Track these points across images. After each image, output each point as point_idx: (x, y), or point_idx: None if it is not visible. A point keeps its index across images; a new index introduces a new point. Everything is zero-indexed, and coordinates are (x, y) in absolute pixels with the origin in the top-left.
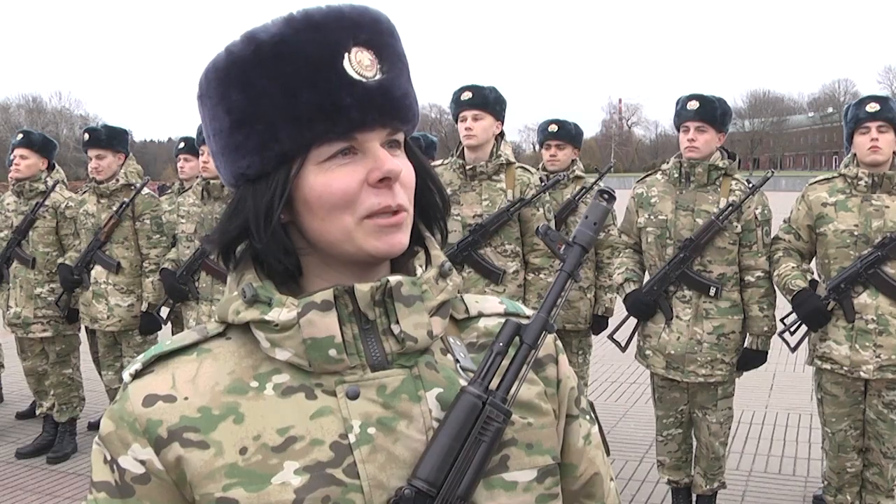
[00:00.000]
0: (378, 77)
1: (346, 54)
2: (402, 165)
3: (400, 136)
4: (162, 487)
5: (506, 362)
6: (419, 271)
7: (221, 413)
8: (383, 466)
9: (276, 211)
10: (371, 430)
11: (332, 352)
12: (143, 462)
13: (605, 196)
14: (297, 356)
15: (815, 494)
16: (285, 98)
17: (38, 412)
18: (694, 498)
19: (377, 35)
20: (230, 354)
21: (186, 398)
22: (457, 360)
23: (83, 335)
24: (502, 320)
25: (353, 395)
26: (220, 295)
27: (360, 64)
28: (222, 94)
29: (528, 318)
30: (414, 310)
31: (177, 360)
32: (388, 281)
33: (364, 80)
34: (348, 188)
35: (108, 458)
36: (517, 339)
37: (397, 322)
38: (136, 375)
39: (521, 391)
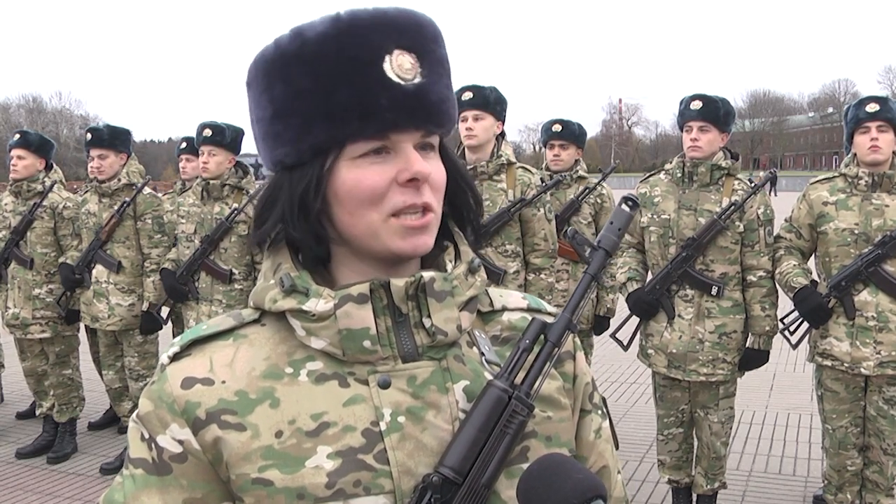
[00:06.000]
0: (417, 81)
1: (388, 57)
2: (431, 168)
3: (434, 139)
4: (198, 467)
5: (530, 358)
6: (449, 266)
7: (258, 397)
8: (412, 454)
9: (311, 201)
10: (401, 419)
11: (367, 343)
12: (181, 442)
13: (630, 202)
14: (331, 345)
15: (816, 494)
16: (323, 95)
17: (38, 412)
18: (694, 498)
19: (420, 40)
20: (265, 341)
21: (224, 382)
22: (482, 354)
23: (83, 335)
24: (525, 315)
25: (384, 385)
26: (219, 295)
27: (400, 67)
28: (267, 85)
29: (549, 314)
30: (445, 305)
31: (213, 344)
32: (421, 277)
33: (403, 82)
34: (377, 186)
35: (147, 436)
36: (542, 336)
37: (429, 316)
38: (174, 358)
39: (543, 386)
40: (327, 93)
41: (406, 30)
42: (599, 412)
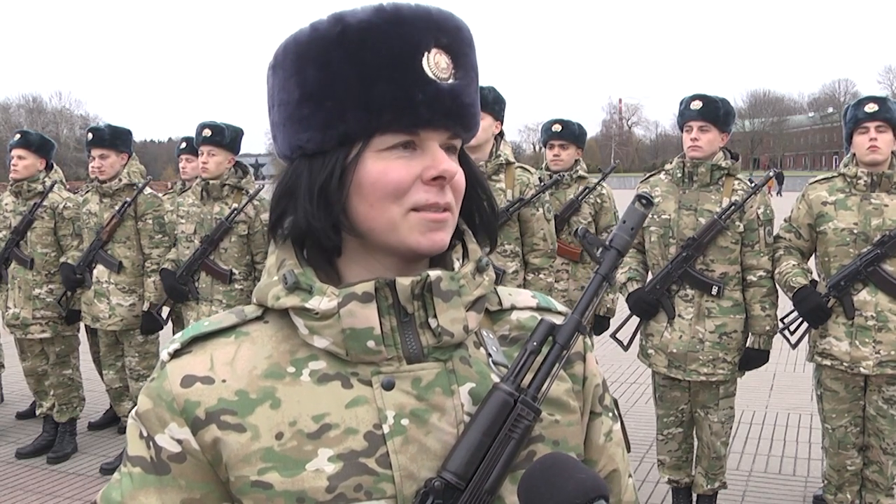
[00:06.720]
0: (451, 81)
1: (426, 53)
2: (456, 168)
3: (457, 143)
4: (197, 467)
5: (538, 360)
6: (456, 265)
7: (258, 397)
8: (415, 458)
9: (333, 190)
10: (404, 422)
11: (371, 343)
12: (179, 441)
13: (643, 201)
14: (335, 345)
15: (816, 494)
16: (360, 84)
17: (38, 412)
18: (694, 498)
19: (457, 42)
20: (268, 339)
21: (224, 381)
22: (489, 355)
23: (83, 335)
24: (534, 314)
25: (388, 386)
26: (219, 295)
27: (437, 66)
28: (298, 68)
29: (559, 313)
30: (451, 305)
31: (215, 341)
32: (428, 276)
33: (438, 81)
34: (402, 180)
35: (145, 434)
36: (550, 337)
37: (435, 316)
38: (174, 355)
39: (551, 388)
40: (366, 82)
41: (446, 30)
42: (610, 414)
